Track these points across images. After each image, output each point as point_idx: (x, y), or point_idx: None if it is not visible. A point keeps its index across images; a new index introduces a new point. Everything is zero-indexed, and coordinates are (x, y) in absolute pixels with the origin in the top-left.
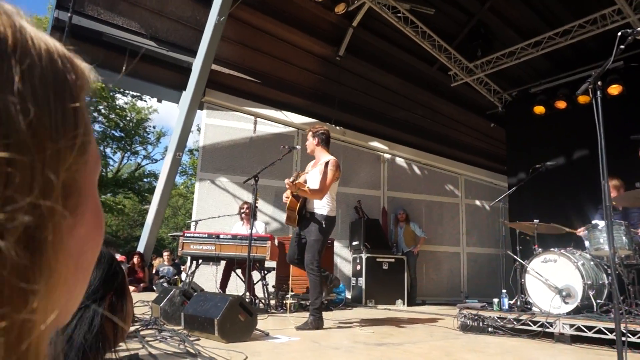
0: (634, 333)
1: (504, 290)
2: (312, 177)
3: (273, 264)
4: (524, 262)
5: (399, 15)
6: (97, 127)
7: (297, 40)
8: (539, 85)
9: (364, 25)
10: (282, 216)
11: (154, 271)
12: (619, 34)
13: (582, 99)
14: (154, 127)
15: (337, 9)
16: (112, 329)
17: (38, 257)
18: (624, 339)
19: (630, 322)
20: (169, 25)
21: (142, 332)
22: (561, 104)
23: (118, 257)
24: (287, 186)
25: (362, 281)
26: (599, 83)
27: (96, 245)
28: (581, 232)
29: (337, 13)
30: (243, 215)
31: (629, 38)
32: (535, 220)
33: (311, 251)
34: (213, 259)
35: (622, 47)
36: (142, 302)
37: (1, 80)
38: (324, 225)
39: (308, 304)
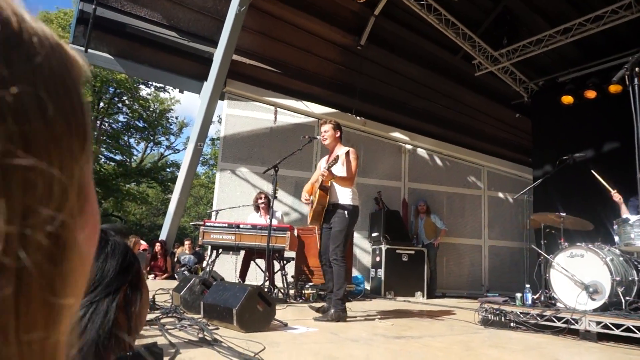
0: None
1: (527, 285)
2: (335, 169)
3: (292, 254)
4: (549, 257)
5: (422, 2)
6: (121, 117)
7: (318, 29)
8: (567, 74)
9: (385, 13)
10: (302, 207)
11: (175, 259)
12: None
13: (614, 89)
14: (176, 118)
15: None
16: (126, 322)
17: (62, 267)
18: None
19: None
20: (190, 15)
21: (162, 320)
22: (591, 94)
23: (142, 244)
24: (322, 175)
25: (381, 273)
26: (637, 70)
27: (95, 244)
28: (616, 196)
29: (359, 1)
30: (261, 205)
31: None
32: (562, 213)
33: (336, 241)
34: (233, 249)
35: None
36: (163, 290)
37: (15, 71)
38: (347, 215)
39: (324, 294)
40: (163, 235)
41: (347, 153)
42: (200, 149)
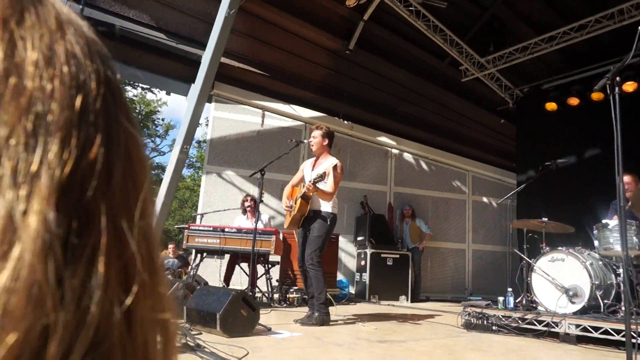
0: None
1: (509, 289)
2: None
3: (277, 258)
4: (530, 261)
5: (410, 8)
6: None
7: (307, 33)
8: (551, 82)
9: (375, 18)
10: None
11: None
12: None
13: (596, 96)
14: (162, 120)
15: (349, 2)
16: None
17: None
18: (633, 340)
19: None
20: (179, 17)
21: None
22: (574, 101)
23: None
24: (306, 189)
25: (366, 276)
26: (617, 79)
27: None
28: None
29: (349, 6)
30: (248, 208)
31: None
32: (543, 218)
33: (312, 246)
34: (217, 252)
35: None
36: None
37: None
38: (328, 222)
39: (308, 298)
40: None
41: (335, 167)
42: (187, 152)
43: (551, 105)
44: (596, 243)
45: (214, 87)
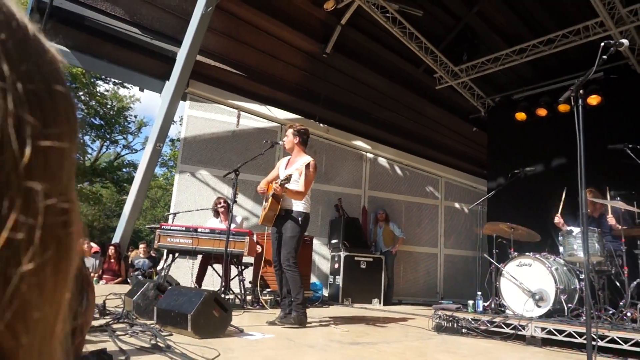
0: (602, 337)
1: (479, 293)
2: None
3: (251, 259)
4: (499, 266)
5: (387, 15)
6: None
7: (285, 35)
8: (521, 92)
9: (352, 23)
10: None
11: (129, 263)
12: (602, 44)
13: (563, 108)
14: (135, 117)
15: (326, 5)
16: (72, 328)
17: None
18: (594, 343)
19: (600, 327)
20: (154, 12)
21: (112, 326)
22: (542, 112)
23: (93, 247)
24: (275, 191)
25: (339, 279)
26: (581, 92)
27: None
28: (558, 221)
29: (326, 10)
30: (220, 210)
31: (611, 49)
32: (512, 225)
33: (287, 247)
34: (190, 253)
35: (604, 57)
36: (114, 294)
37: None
38: (300, 222)
39: (281, 298)
40: (117, 238)
41: (307, 166)
42: (160, 150)
43: (521, 115)
44: (561, 249)
45: (189, 85)
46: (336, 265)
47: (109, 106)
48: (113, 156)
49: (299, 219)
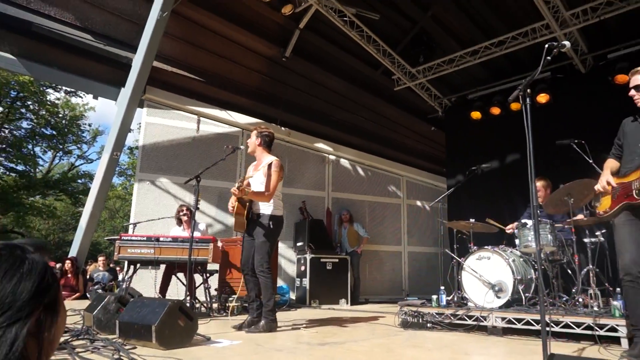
0: (557, 323)
1: (442, 287)
2: (256, 180)
3: (216, 266)
4: (460, 260)
5: (345, 19)
6: (24, 124)
7: (243, 39)
8: (476, 92)
9: (310, 27)
10: (226, 218)
11: (87, 277)
12: (546, 46)
13: (514, 106)
14: (89, 125)
15: (284, 9)
16: (37, 349)
17: None
18: (548, 329)
19: (554, 314)
20: (107, 18)
21: (72, 343)
22: (495, 110)
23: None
24: (233, 193)
25: (306, 282)
26: (529, 91)
27: None
28: (510, 229)
29: (284, 14)
30: (183, 218)
31: (555, 50)
32: (471, 220)
33: (260, 252)
34: (152, 263)
35: (548, 58)
36: (73, 310)
37: None
38: (271, 226)
39: (248, 305)
40: (74, 252)
41: (269, 165)
42: (117, 159)
43: (476, 114)
44: (517, 241)
45: (146, 91)
46: (302, 268)
47: (60, 115)
48: (67, 167)
49: (269, 222)
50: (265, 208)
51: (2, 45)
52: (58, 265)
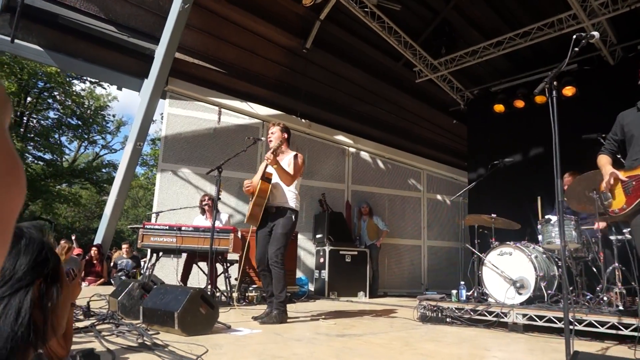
0: (580, 322)
1: (462, 282)
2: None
3: (236, 256)
4: (481, 255)
5: (366, 10)
6: (51, 114)
7: (264, 31)
8: (499, 85)
9: (331, 18)
10: (246, 208)
11: (112, 264)
12: (574, 37)
13: (539, 99)
14: (113, 116)
15: (305, 1)
16: (42, 318)
17: None
18: (571, 327)
19: (578, 312)
20: (130, 10)
21: (98, 327)
22: (519, 103)
23: (74, 249)
24: (266, 159)
25: (325, 274)
26: (555, 83)
27: (8, 192)
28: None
29: (305, 5)
30: (206, 207)
31: (583, 41)
32: (492, 215)
33: (277, 244)
34: (174, 252)
35: (576, 49)
36: (98, 295)
37: None
38: (293, 219)
39: (267, 296)
40: (99, 239)
41: (296, 156)
42: (140, 149)
43: (499, 107)
44: (540, 237)
45: (168, 82)
46: (321, 260)
47: (85, 106)
48: (92, 156)
49: (293, 215)
50: (289, 201)
51: (29, 36)
52: (76, 252)
